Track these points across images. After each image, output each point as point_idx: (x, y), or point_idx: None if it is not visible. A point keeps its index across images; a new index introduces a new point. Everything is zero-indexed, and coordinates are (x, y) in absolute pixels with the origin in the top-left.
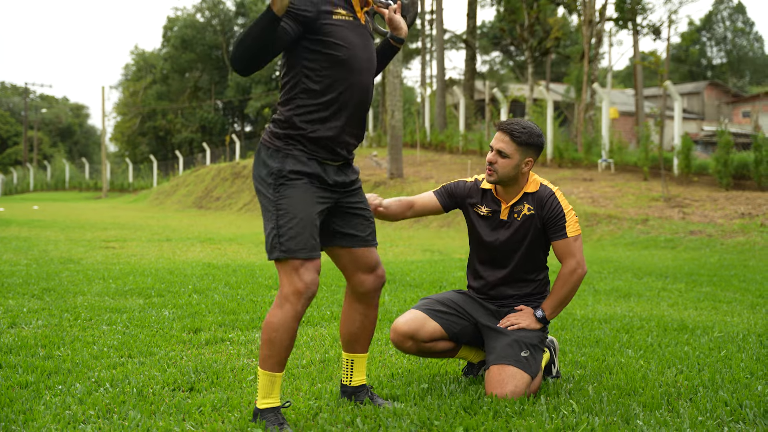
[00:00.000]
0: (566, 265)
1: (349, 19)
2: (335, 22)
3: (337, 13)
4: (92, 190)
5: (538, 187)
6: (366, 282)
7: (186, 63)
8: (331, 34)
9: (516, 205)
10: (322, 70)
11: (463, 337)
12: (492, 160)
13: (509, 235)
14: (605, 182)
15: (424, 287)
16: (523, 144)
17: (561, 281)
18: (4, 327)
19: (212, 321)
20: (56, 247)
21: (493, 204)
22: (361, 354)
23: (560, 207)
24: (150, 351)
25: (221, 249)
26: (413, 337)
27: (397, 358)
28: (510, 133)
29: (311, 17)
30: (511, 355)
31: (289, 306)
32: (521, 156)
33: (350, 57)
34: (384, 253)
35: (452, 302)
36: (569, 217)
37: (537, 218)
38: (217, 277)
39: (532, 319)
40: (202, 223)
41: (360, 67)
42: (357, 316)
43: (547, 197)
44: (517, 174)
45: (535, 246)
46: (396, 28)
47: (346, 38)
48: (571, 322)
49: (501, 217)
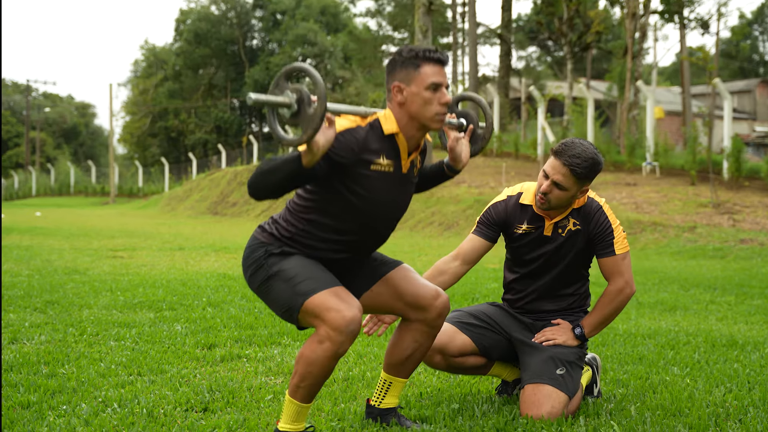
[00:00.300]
0: (613, 284)
1: (387, 171)
2: (370, 173)
3: (377, 163)
4: (99, 195)
5: (585, 200)
6: (430, 311)
7: (200, 59)
8: (361, 183)
9: (561, 220)
10: (339, 211)
11: (495, 353)
12: (547, 190)
13: (552, 252)
14: (650, 187)
15: (455, 299)
16: (583, 177)
17: (606, 300)
18: (4, 343)
19: (228, 336)
20: (60, 257)
21: (536, 220)
22: (401, 379)
23: (608, 222)
24: (161, 368)
25: (238, 258)
26: (442, 351)
27: (426, 376)
28: (570, 168)
29: (346, 163)
30: (546, 372)
31: (329, 344)
32: (579, 187)
33: (373, 207)
34: (413, 263)
35: (484, 315)
36: (617, 233)
37: (583, 234)
38: (233, 289)
39: (569, 335)
40: (217, 231)
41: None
42: (411, 344)
43: (594, 212)
44: (571, 202)
45: (578, 261)
46: (455, 159)
47: (375, 188)
48: (612, 337)
49: (545, 233)
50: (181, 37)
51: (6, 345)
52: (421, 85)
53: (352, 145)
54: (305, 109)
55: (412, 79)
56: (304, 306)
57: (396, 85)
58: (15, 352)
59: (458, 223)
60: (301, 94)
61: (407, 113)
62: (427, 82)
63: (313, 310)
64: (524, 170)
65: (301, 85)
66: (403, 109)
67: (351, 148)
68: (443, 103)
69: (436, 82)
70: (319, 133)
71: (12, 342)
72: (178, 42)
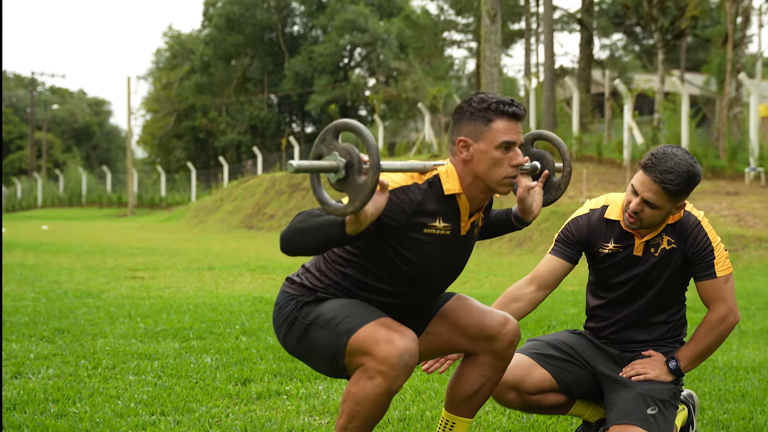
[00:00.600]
0: (714, 311)
1: (444, 233)
2: (423, 237)
3: (433, 226)
4: (115, 206)
5: (681, 214)
6: (499, 340)
7: (232, 48)
8: (411, 247)
9: (654, 238)
10: (383, 273)
11: (577, 389)
12: (637, 209)
13: (643, 274)
14: (754, 196)
15: (528, 327)
16: (678, 194)
17: (706, 329)
18: (6, 377)
19: (265, 370)
20: (70, 278)
21: (624, 239)
22: (466, 419)
23: (708, 240)
24: (188, 407)
25: (276, 280)
26: (517, 388)
27: (494, 415)
28: (662, 186)
29: (397, 226)
30: (636, 412)
31: (380, 380)
32: (674, 204)
33: (423, 272)
34: (479, 285)
35: (565, 345)
36: (718, 252)
37: (678, 253)
38: (270, 315)
39: (662, 369)
40: (252, 247)
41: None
42: (478, 378)
43: (691, 228)
44: (665, 220)
45: (673, 284)
46: (525, 211)
47: (428, 253)
48: (711, 371)
49: (635, 253)
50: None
51: (8, 380)
52: (491, 143)
53: (405, 207)
54: (355, 176)
55: (481, 135)
56: (349, 344)
57: (462, 140)
58: (19, 387)
59: (531, 239)
60: (351, 158)
61: (472, 172)
62: (498, 140)
63: (360, 347)
64: (608, 177)
65: (351, 146)
66: (467, 167)
67: (403, 209)
68: (515, 165)
69: (508, 141)
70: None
71: (15, 376)
72: (206, 28)
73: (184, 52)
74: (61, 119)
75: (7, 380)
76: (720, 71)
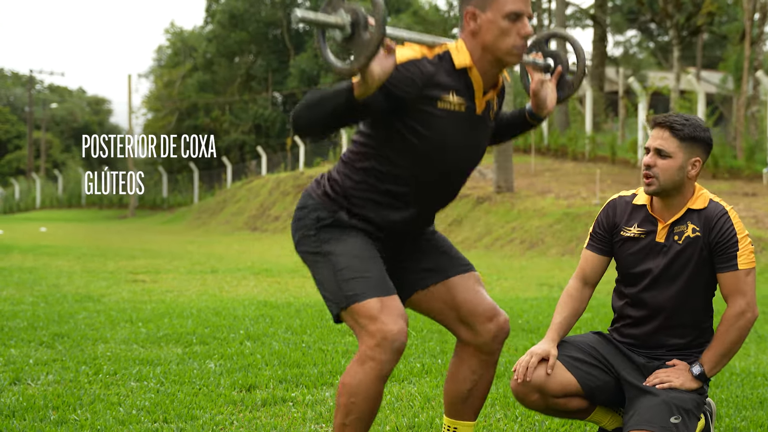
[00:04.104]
0: (733, 306)
1: (458, 110)
2: (437, 111)
3: (446, 100)
4: (116, 207)
5: (707, 203)
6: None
7: (235, 45)
8: (425, 122)
9: (677, 224)
10: (398, 156)
11: (600, 395)
12: (650, 162)
13: (666, 264)
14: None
15: (540, 332)
16: (687, 139)
17: (725, 326)
18: (4, 383)
19: (270, 376)
20: (70, 281)
21: (648, 223)
22: (467, 422)
23: (733, 230)
24: (191, 414)
25: (281, 283)
26: (541, 389)
27: (506, 423)
28: (670, 127)
29: (408, 98)
30: (658, 420)
31: (372, 364)
32: (686, 155)
33: (440, 153)
34: (490, 288)
35: (593, 349)
36: (743, 245)
37: (703, 242)
38: (276, 320)
39: (687, 377)
40: (256, 250)
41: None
42: (469, 375)
43: (717, 216)
44: (682, 179)
45: (699, 280)
46: (539, 105)
47: (443, 130)
48: (728, 377)
49: (657, 239)
50: (213, 19)
51: (6, 386)
52: (499, 12)
53: (416, 78)
54: (360, 32)
55: (488, 4)
56: (349, 309)
57: (470, 11)
58: (18, 394)
59: (544, 241)
60: (357, 15)
61: (481, 44)
62: (505, 9)
63: (356, 316)
64: (622, 178)
65: (357, 5)
66: (476, 39)
67: (414, 81)
68: (523, 35)
69: (516, 11)
70: (375, 61)
71: (14, 383)
72: (209, 25)
73: (186, 50)
74: (60, 118)
75: (5, 386)
76: (737, 69)
